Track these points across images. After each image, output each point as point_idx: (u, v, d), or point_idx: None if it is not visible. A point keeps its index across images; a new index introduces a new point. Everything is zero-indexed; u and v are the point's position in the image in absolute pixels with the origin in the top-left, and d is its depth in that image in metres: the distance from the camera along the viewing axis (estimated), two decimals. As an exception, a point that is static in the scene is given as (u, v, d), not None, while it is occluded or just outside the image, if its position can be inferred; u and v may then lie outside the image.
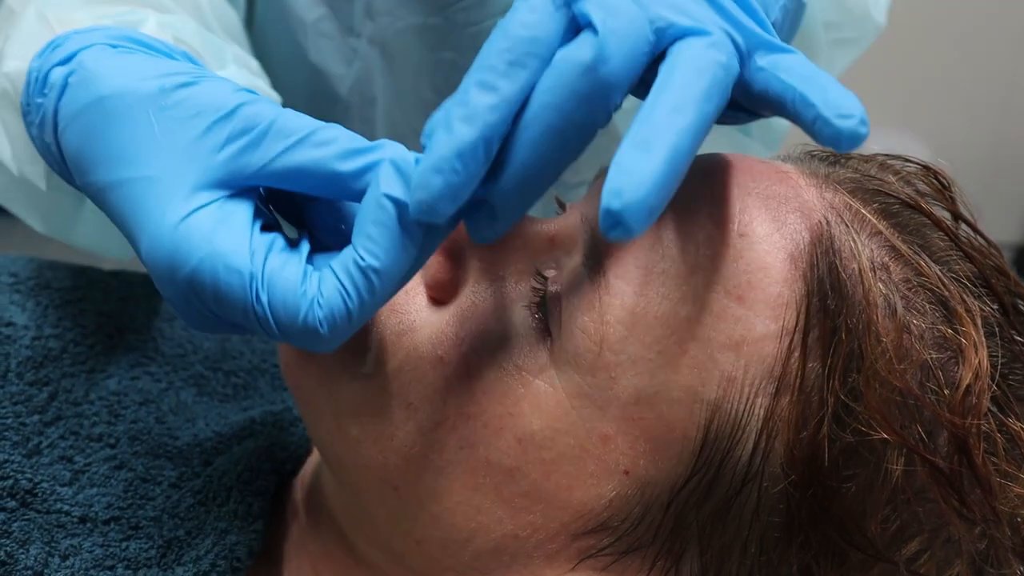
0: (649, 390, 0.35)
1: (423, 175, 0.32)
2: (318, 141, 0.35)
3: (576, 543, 0.37)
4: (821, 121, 0.32)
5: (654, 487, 0.36)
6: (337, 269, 0.33)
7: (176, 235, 0.34)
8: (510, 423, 0.37)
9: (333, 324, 0.33)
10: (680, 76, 0.31)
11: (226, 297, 0.33)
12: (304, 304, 0.33)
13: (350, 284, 0.33)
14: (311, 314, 0.33)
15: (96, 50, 0.39)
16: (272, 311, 0.33)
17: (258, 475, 0.43)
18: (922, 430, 0.35)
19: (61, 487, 0.44)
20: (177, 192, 0.34)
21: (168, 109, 0.36)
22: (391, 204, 0.32)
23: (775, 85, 0.33)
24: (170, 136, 0.35)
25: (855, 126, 0.31)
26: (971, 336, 0.35)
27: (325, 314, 0.33)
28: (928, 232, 0.38)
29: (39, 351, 0.48)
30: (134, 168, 0.35)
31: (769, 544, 0.35)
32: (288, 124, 0.35)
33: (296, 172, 0.35)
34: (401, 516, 0.38)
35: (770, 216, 0.37)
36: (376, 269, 0.33)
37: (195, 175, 0.35)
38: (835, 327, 0.35)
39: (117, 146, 0.36)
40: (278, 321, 0.33)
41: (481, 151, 0.31)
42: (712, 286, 0.36)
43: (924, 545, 0.35)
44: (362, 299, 0.33)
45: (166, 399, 0.49)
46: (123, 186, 0.36)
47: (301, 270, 0.33)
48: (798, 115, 0.33)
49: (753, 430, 0.35)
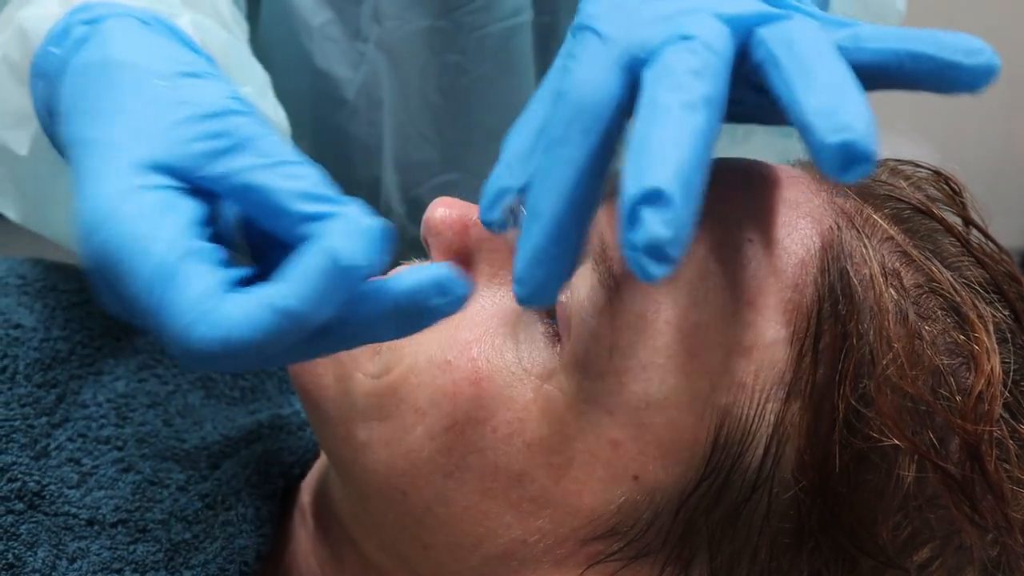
0: (659, 395, 0.35)
1: (524, 270, 0.32)
2: (287, 173, 0.33)
3: (585, 548, 0.37)
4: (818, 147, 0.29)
5: (663, 492, 0.36)
6: (247, 298, 0.30)
7: (111, 202, 0.32)
8: (519, 428, 0.36)
9: (215, 346, 0.30)
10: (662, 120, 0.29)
11: (128, 280, 0.31)
12: (196, 317, 0.30)
13: (251, 315, 0.30)
14: (198, 329, 0.30)
15: (124, 20, 0.39)
16: (165, 311, 0.30)
17: (266, 479, 0.43)
18: (934, 436, 0.34)
19: (69, 489, 0.44)
20: (132, 163, 0.33)
21: (162, 90, 0.35)
22: (329, 256, 0.30)
23: (771, 80, 0.31)
24: (151, 112, 0.35)
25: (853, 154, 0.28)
26: (983, 342, 0.35)
27: (214, 335, 0.30)
28: (939, 238, 0.38)
29: (47, 353, 0.48)
30: (104, 129, 0.35)
31: (779, 550, 0.35)
32: (266, 146, 0.34)
33: (251, 192, 0.33)
34: (409, 521, 0.38)
35: (781, 221, 0.37)
36: (282, 311, 0.29)
37: (156, 154, 0.33)
38: (846, 333, 0.35)
39: (100, 106, 0.36)
40: (166, 324, 0.30)
41: (574, 230, 0.31)
42: (722, 291, 0.35)
43: (935, 552, 0.35)
44: (256, 334, 0.30)
45: (173, 402, 0.49)
46: (87, 144, 0.35)
47: (214, 284, 0.31)
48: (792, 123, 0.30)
49: (763, 436, 0.35)
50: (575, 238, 0.32)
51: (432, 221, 0.40)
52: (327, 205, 0.32)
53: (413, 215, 0.76)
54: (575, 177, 0.31)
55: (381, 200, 0.76)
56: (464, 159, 0.75)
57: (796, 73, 0.30)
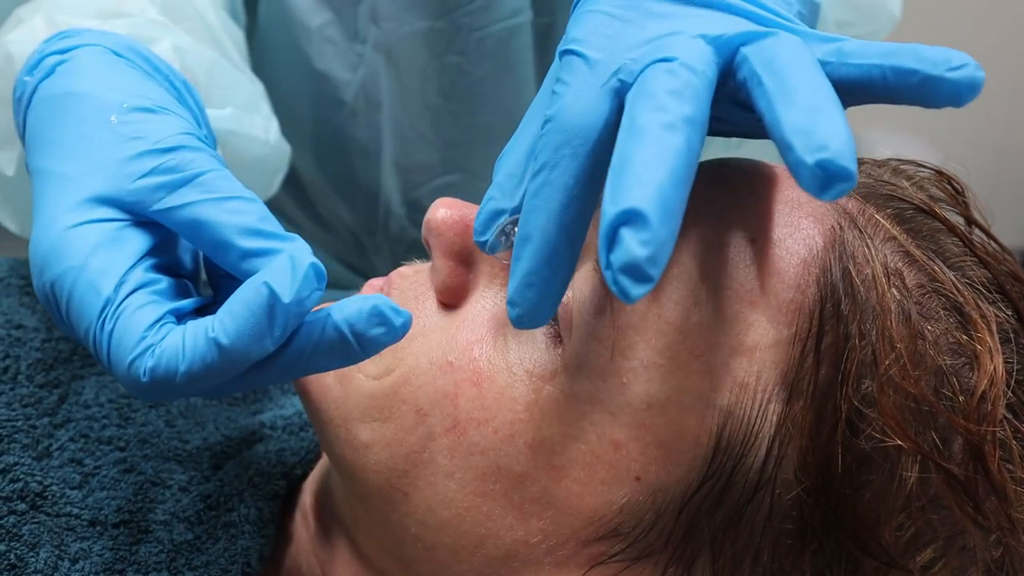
0: (661, 396, 0.35)
1: (517, 292, 0.33)
2: (232, 209, 0.35)
3: (587, 549, 0.37)
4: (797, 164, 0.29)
5: (666, 493, 0.36)
6: (188, 331, 0.33)
7: (61, 237, 0.34)
8: (520, 429, 0.36)
9: (156, 378, 0.32)
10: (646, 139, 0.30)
11: (77, 314, 0.34)
12: (137, 349, 0.33)
13: (191, 348, 0.32)
14: (139, 361, 0.33)
15: (94, 51, 0.41)
16: (110, 344, 0.33)
17: (268, 480, 0.43)
18: (937, 437, 0.34)
19: (71, 490, 0.44)
20: (80, 198, 0.35)
21: (118, 125, 0.37)
22: (267, 292, 0.32)
23: (754, 94, 0.31)
24: (103, 147, 0.36)
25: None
26: (986, 342, 0.35)
27: (153, 366, 0.32)
28: (942, 237, 0.38)
29: (49, 353, 0.48)
30: (58, 162, 0.37)
31: (782, 551, 0.35)
32: (214, 182, 0.36)
33: (197, 227, 0.35)
34: (410, 522, 0.38)
35: (783, 221, 0.37)
36: (220, 344, 0.32)
37: (105, 189, 0.35)
38: (848, 333, 0.35)
39: (57, 138, 0.38)
40: (111, 355, 0.33)
41: (566, 252, 0.32)
42: (724, 291, 0.35)
43: (939, 553, 0.35)
44: (195, 366, 0.32)
45: (176, 402, 0.49)
46: (43, 175, 0.37)
47: (156, 316, 0.33)
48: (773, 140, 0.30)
49: (766, 436, 0.35)
50: (566, 260, 0.33)
51: (433, 222, 0.40)
52: (269, 241, 0.34)
53: (413, 217, 0.76)
54: (565, 200, 0.32)
55: (381, 202, 0.76)
56: (464, 160, 0.75)
57: (776, 91, 0.30)
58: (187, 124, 0.38)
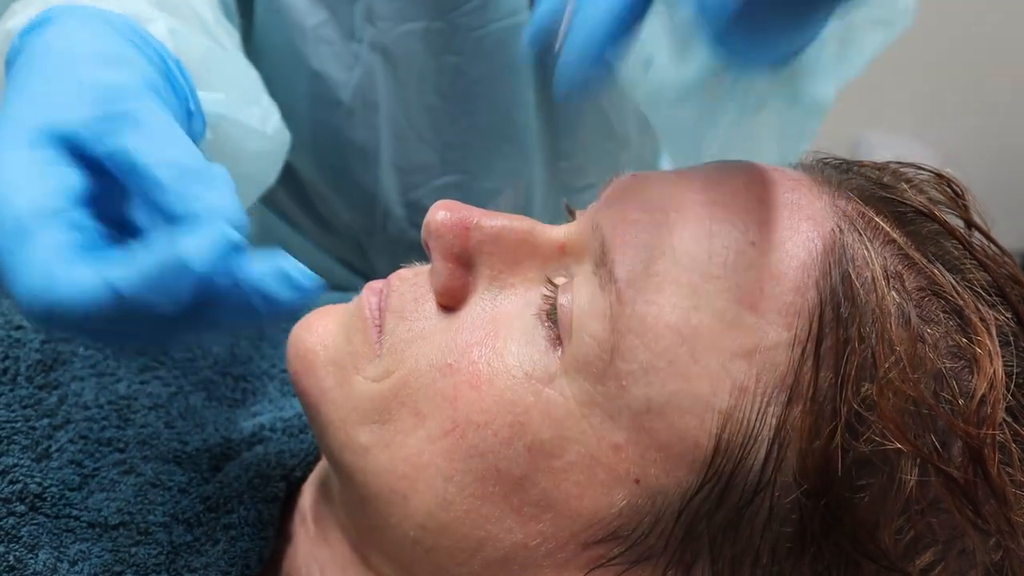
0: (660, 399, 0.35)
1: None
2: (170, 159, 0.35)
3: (586, 552, 0.37)
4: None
5: (665, 496, 0.36)
6: (92, 270, 0.33)
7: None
8: (520, 432, 0.36)
9: (52, 310, 0.32)
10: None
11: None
12: (37, 279, 0.32)
13: (90, 288, 0.32)
14: (35, 291, 0.32)
15: (85, 16, 0.42)
16: (15, 268, 0.33)
17: (268, 482, 0.43)
18: (936, 440, 0.34)
19: (70, 491, 0.44)
20: (27, 128, 0.35)
21: (80, 73, 0.38)
22: (175, 252, 0.32)
23: None
24: (62, 90, 0.37)
25: None
26: (986, 345, 0.35)
27: (48, 299, 0.32)
28: (942, 240, 0.38)
29: (49, 355, 0.48)
30: (17, 103, 0.37)
31: (781, 554, 0.35)
32: (159, 131, 0.36)
33: (134, 172, 0.35)
34: (409, 525, 0.38)
35: (782, 224, 0.37)
36: (119, 292, 0.32)
37: (52, 123, 0.35)
38: (848, 336, 0.35)
39: (24, 84, 0.38)
40: (14, 281, 0.33)
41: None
42: (724, 295, 0.35)
43: (938, 556, 0.35)
44: (91, 308, 0.32)
45: (175, 404, 0.49)
46: (2, 117, 0.37)
47: (63, 249, 0.33)
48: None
49: (765, 439, 0.35)
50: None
51: (432, 224, 0.40)
52: (200, 196, 0.34)
53: (413, 218, 0.76)
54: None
55: (380, 202, 0.76)
56: (464, 161, 0.74)
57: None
58: (151, 78, 0.39)
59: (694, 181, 0.38)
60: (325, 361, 0.41)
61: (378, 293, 0.42)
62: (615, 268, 0.36)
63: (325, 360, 0.41)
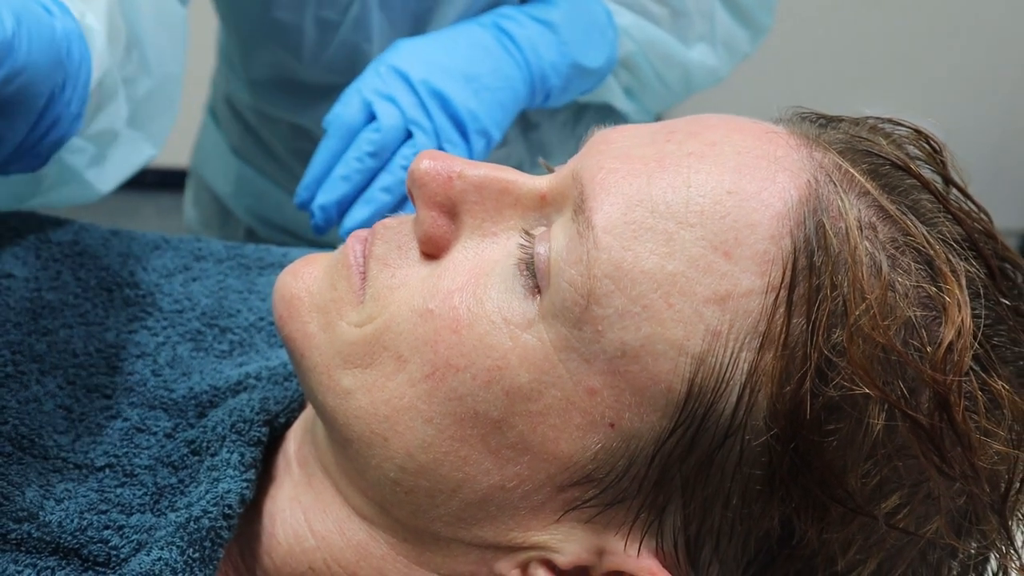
0: (634, 343, 0.36)
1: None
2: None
3: (561, 495, 0.38)
4: None
5: (639, 440, 0.36)
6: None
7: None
8: (498, 376, 0.37)
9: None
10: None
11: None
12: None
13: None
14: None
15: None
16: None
17: (251, 426, 0.44)
18: (904, 387, 0.35)
19: (58, 435, 0.44)
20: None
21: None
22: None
23: None
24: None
25: None
26: (955, 295, 0.35)
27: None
28: (917, 194, 0.39)
29: (39, 303, 0.49)
30: None
31: (751, 497, 0.36)
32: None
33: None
34: (390, 467, 0.39)
35: (759, 175, 0.37)
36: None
37: None
38: (820, 284, 0.35)
39: None
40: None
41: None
42: (699, 242, 0.36)
43: (904, 500, 0.35)
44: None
45: (163, 353, 0.50)
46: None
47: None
48: None
49: (737, 384, 0.35)
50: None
51: (417, 173, 0.41)
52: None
53: None
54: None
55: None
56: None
57: None
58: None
59: (674, 132, 0.39)
60: (310, 307, 0.42)
61: (363, 241, 0.42)
62: (593, 215, 0.37)
63: (310, 306, 0.42)
